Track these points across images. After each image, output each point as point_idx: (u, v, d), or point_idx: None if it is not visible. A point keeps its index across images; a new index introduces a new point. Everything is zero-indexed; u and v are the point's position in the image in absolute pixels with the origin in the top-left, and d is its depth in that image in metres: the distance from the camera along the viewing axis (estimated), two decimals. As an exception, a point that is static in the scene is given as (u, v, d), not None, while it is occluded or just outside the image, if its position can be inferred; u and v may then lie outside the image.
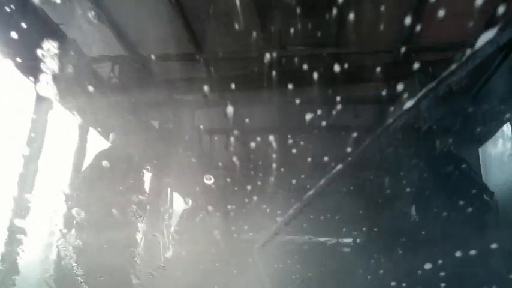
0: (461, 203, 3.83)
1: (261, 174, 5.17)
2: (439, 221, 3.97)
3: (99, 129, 4.79)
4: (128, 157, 4.22)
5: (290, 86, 4.12)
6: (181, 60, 4.60)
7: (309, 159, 4.74)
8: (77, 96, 3.93)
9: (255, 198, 4.87)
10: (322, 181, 3.49)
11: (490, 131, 4.58)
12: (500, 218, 4.00)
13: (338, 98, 4.45)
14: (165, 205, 5.31)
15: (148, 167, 4.78)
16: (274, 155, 5.01)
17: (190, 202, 5.51)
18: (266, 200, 4.84)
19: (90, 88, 3.95)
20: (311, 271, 4.67)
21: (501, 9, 3.43)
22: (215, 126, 5.75)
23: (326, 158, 4.44)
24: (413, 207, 4.49)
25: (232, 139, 5.66)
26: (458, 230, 3.71)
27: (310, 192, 3.39)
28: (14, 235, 3.36)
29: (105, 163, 4.03)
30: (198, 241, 4.70)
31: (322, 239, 5.03)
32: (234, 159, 5.56)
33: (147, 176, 4.82)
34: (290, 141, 5.00)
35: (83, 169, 4.21)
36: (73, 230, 3.99)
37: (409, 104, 4.52)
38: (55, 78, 3.46)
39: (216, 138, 6.00)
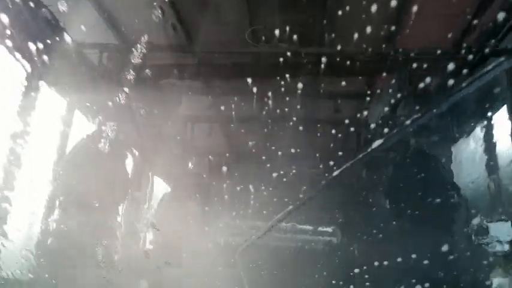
0: (432, 198, 3.95)
1: (242, 161, 5.22)
2: (410, 214, 4.07)
3: (86, 113, 4.76)
4: (112, 141, 4.23)
5: (273, 78, 4.24)
6: (169, 48, 4.64)
7: (292, 150, 4.82)
8: (64, 80, 3.95)
9: (236, 184, 5.00)
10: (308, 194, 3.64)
11: (464, 130, 4.73)
12: (470, 213, 4.12)
13: (320, 92, 4.55)
14: (147, 189, 5.32)
15: (131, 151, 4.82)
16: (255, 144, 5.07)
17: (171, 187, 5.56)
18: (247, 184, 4.97)
19: (77, 72, 3.98)
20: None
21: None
22: (199, 113, 5.79)
23: (307, 150, 4.54)
24: (387, 200, 4.59)
25: (215, 126, 5.69)
26: (429, 224, 3.82)
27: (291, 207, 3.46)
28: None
29: (89, 146, 4.08)
30: (177, 225, 4.73)
31: (303, 227, 5.09)
32: (216, 146, 5.61)
33: (130, 160, 4.86)
34: (272, 131, 5.06)
35: (68, 151, 4.25)
36: (56, 211, 4.00)
37: (388, 101, 4.70)
38: (42, 60, 3.48)
39: (199, 125, 6.01)
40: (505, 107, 4.03)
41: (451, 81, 4.49)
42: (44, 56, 3.45)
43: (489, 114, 4.41)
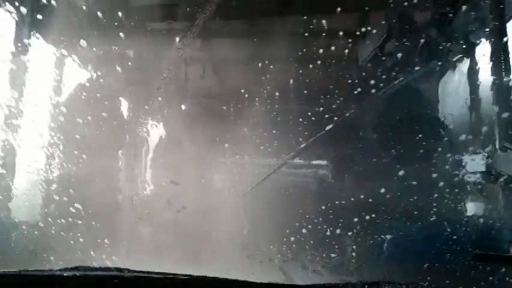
0: (417, 132, 4.14)
1: (236, 103, 5.21)
2: (397, 145, 4.19)
3: (78, 61, 4.71)
4: (105, 87, 4.24)
5: (264, 17, 4.15)
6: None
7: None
8: (55, 28, 3.94)
9: (231, 124, 5.00)
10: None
11: (450, 65, 4.75)
12: (453, 144, 4.25)
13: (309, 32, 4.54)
14: (143, 134, 5.35)
15: (125, 96, 4.87)
16: (249, 85, 5.07)
17: (167, 130, 5.53)
18: (242, 126, 4.94)
19: (69, 19, 3.95)
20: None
21: None
22: (192, 55, 5.59)
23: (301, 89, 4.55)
24: (375, 134, 4.68)
25: (208, 69, 5.65)
26: (414, 155, 3.94)
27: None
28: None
29: (84, 93, 4.10)
30: (175, 169, 4.78)
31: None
32: (210, 88, 5.56)
33: (125, 105, 4.93)
34: (265, 71, 5.04)
35: (63, 100, 4.27)
36: (56, 159, 4.07)
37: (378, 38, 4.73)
38: (34, 8, 3.48)
39: (192, 67, 5.82)
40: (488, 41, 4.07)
41: (437, 16, 4.58)
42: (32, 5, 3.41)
43: (473, 47, 4.46)
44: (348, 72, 5.23)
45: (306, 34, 4.75)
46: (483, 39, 4.25)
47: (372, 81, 4.53)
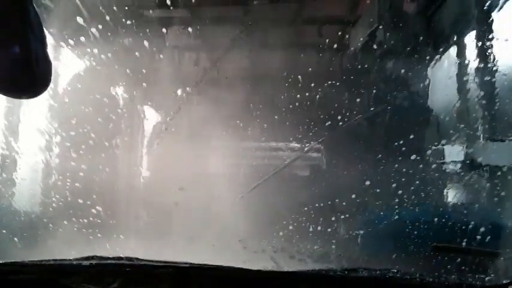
0: (406, 121, 4.10)
1: (230, 89, 4.96)
2: (386, 131, 4.20)
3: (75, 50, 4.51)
4: (102, 76, 4.14)
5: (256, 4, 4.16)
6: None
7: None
8: (52, 15, 3.82)
9: (226, 110, 4.71)
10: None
11: (439, 53, 4.54)
12: (440, 131, 4.20)
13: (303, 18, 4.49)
14: (139, 120, 5.21)
15: (121, 83, 4.68)
16: (243, 71, 4.92)
17: (162, 116, 5.32)
18: (237, 111, 4.71)
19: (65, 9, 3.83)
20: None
21: None
22: (185, 43, 5.30)
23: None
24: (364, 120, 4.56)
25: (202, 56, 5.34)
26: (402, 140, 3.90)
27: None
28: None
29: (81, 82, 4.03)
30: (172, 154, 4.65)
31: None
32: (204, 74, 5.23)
33: (120, 92, 4.76)
34: (258, 57, 4.89)
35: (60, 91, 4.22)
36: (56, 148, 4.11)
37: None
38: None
39: (186, 54, 5.51)
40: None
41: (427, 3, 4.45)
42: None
43: (463, 36, 4.26)
44: (338, 61, 5.09)
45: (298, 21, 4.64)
46: (470, 30, 4.07)
47: (361, 70, 4.47)
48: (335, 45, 4.70)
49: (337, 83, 4.41)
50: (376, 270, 1.83)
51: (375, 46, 4.46)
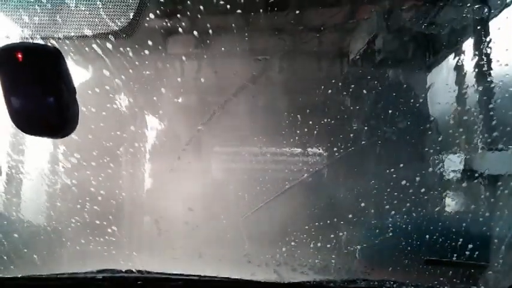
0: (406, 124, 3.98)
1: (230, 95, 4.67)
2: (386, 137, 4.07)
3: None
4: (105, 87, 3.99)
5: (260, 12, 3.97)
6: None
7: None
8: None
9: (226, 117, 4.59)
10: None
11: (438, 60, 4.37)
12: (441, 137, 4.02)
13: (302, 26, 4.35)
14: (141, 129, 5.00)
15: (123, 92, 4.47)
16: (244, 79, 4.65)
17: (164, 123, 5.15)
18: (236, 118, 4.61)
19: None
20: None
21: None
22: (186, 51, 5.03)
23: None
24: (365, 126, 4.38)
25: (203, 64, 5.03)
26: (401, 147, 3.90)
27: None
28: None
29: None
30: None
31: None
32: (204, 82, 4.83)
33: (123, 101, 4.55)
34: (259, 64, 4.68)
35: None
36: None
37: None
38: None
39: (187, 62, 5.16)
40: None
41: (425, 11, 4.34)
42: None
43: (460, 43, 4.07)
44: (338, 67, 4.96)
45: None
46: (469, 37, 3.88)
47: (361, 76, 4.39)
48: (334, 53, 4.70)
49: (336, 91, 4.30)
50: (374, 281, 1.85)
51: (374, 53, 4.32)
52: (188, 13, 4.12)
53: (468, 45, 3.89)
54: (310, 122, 4.35)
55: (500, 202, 2.99)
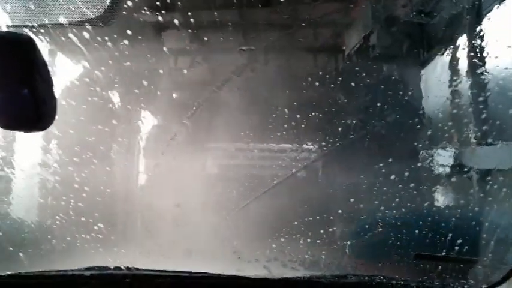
0: (399, 119, 4.01)
1: (226, 90, 4.64)
2: (381, 131, 4.10)
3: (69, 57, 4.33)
4: (98, 83, 3.95)
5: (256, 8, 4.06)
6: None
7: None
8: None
9: (221, 112, 4.57)
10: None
11: (432, 56, 4.40)
12: (433, 132, 4.06)
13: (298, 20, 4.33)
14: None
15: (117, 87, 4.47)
16: (239, 73, 4.62)
17: (159, 119, 5.18)
18: (232, 113, 4.55)
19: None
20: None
21: None
22: (180, 46, 4.98)
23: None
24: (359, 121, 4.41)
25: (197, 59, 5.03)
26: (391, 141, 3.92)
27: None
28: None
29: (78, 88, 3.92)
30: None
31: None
32: (199, 77, 5.03)
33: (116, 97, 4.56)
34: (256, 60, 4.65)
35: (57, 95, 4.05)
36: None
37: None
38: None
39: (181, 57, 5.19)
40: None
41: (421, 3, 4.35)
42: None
43: (455, 40, 4.07)
44: (333, 63, 4.98)
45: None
46: (463, 33, 3.87)
47: (356, 72, 4.34)
48: (330, 48, 4.67)
49: (331, 86, 4.32)
50: (364, 276, 1.83)
51: (368, 49, 4.33)
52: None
53: (461, 39, 3.89)
54: (298, 116, 4.34)
55: (490, 197, 3.04)
